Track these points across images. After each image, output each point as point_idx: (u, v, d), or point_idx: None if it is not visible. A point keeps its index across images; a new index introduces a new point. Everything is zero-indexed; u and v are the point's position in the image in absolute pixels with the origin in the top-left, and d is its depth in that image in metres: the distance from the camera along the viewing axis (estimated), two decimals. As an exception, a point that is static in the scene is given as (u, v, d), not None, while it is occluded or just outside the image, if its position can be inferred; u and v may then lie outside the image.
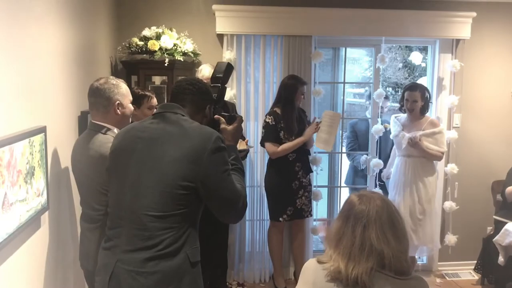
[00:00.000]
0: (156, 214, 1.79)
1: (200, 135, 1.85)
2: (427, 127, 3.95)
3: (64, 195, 2.59)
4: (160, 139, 1.87)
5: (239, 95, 4.18)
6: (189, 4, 4.12)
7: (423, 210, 3.94)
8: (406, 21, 4.21)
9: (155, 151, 1.85)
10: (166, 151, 1.83)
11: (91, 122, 2.43)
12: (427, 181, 3.94)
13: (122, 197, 1.87)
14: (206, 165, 1.81)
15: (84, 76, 2.93)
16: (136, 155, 1.88)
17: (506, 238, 3.62)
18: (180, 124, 1.89)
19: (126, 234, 1.83)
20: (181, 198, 1.81)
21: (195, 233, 1.91)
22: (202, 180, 1.81)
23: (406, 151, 3.97)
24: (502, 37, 4.42)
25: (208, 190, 1.83)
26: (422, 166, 3.95)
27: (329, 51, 5.23)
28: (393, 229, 1.52)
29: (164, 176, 1.80)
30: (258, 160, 4.25)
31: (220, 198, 1.87)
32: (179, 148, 1.82)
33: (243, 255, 4.31)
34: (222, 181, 1.85)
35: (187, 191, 1.81)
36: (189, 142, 1.83)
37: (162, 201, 1.80)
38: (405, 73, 10.21)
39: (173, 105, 1.98)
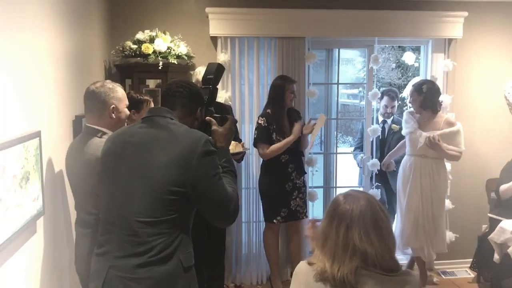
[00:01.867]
0: (146, 220, 1.78)
1: (189, 139, 1.83)
2: (444, 127, 3.87)
3: (60, 200, 2.59)
4: (149, 144, 1.85)
5: (234, 97, 4.18)
6: (182, 7, 4.12)
7: (438, 214, 3.89)
8: (398, 21, 4.23)
9: (144, 156, 1.83)
10: (155, 156, 1.81)
11: (86, 125, 2.42)
12: (440, 183, 3.89)
13: (112, 203, 1.86)
14: (195, 170, 1.79)
15: (78, 80, 2.93)
16: (125, 160, 1.86)
17: (501, 235, 3.63)
18: (169, 128, 1.87)
19: (117, 240, 1.82)
20: (172, 204, 1.79)
21: (188, 238, 1.89)
22: (192, 184, 1.79)
23: (422, 151, 3.88)
24: (493, 36, 4.45)
25: (198, 194, 1.81)
26: (437, 168, 3.89)
27: (322, 52, 5.25)
28: (376, 228, 1.52)
29: (154, 181, 1.78)
30: (253, 162, 4.25)
31: (211, 203, 1.85)
32: (168, 153, 1.80)
33: (240, 257, 4.31)
34: (213, 185, 1.82)
35: (177, 196, 1.79)
36: (177, 146, 1.81)
37: (152, 207, 1.78)
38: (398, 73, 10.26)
39: (162, 109, 1.96)
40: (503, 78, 4.49)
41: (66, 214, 2.66)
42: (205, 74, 2.25)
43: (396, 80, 10.15)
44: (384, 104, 4.69)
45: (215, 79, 2.22)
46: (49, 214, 2.37)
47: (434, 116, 3.92)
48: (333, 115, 5.35)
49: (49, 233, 2.40)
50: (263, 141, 3.86)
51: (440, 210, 3.92)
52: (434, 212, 3.88)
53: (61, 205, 2.61)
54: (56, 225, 2.52)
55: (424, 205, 3.88)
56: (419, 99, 3.90)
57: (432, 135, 3.77)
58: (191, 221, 1.92)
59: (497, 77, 4.47)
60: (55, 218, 2.49)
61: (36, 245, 2.26)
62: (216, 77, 2.23)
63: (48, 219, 2.37)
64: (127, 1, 4.06)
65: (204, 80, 2.24)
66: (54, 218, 2.47)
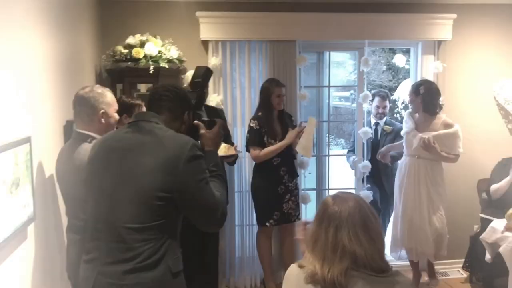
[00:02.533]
0: (133, 226, 1.76)
1: (174, 143, 1.81)
2: (441, 129, 3.83)
3: (50, 206, 2.57)
4: (134, 150, 1.82)
5: (226, 100, 4.19)
6: (173, 12, 4.12)
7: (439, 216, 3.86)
8: (388, 24, 4.26)
9: (130, 162, 1.81)
10: (141, 161, 1.79)
11: (75, 131, 2.42)
12: (436, 185, 3.86)
13: (99, 210, 1.84)
14: (182, 175, 1.77)
15: (69, 85, 2.91)
16: (111, 166, 1.84)
17: (492, 235, 3.66)
18: (154, 133, 1.85)
19: (105, 247, 1.80)
20: (158, 209, 1.77)
21: (176, 243, 1.88)
22: (178, 190, 1.77)
23: (416, 152, 3.86)
24: (482, 38, 4.49)
25: (185, 200, 1.80)
26: (432, 169, 3.86)
27: (313, 55, 5.27)
28: (365, 229, 1.52)
29: (140, 187, 1.77)
30: (246, 165, 4.25)
31: (198, 208, 1.83)
32: (153, 158, 1.78)
33: (233, 261, 4.31)
34: (200, 190, 1.81)
35: (164, 202, 1.77)
36: (163, 151, 1.79)
37: (139, 213, 1.76)
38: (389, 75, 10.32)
39: (148, 114, 1.95)
40: (492, 79, 4.53)
41: (57, 220, 2.65)
42: (193, 78, 2.24)
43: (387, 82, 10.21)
44: (376, 105, 4.71)
45: (203, 83, 2.21)
46: (40, 220, 2.36)
47: (433, 118, 3.89)
48: (324, 117, 5.37)
49: (40, 239, 2.38)
50: (255, 144, 3.87)
51: (435, 212, 3.86)
52: (430, 215, 3.84)
53: (52, 211, 2.59)
54: (47, 231, 2.51)
55: (418, 206, 3.86)
56: (417, 101, 3.88)
57: (426, 137, 3.76)
58: (179, 227, 1.90)
59: (486, 78, 4.50)
60: (46, 224, 2.47)
61: (27, 251, 2.24)
62: (204, 80, 2.22)
63: (39, 225, 2.35)
64: (117, 6, 4.05)
65: (192, 83, 2.23)
66: (45, 224, 2.45)
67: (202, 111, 3.68)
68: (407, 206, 3.92)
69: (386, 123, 4.72)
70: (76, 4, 3.34)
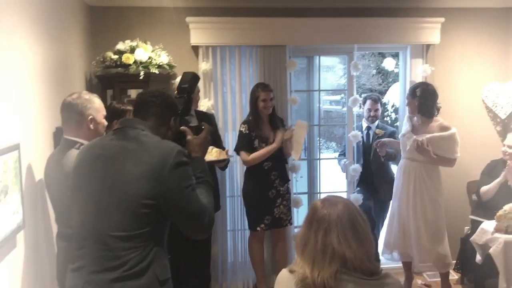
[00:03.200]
0: (119, 234, 1.75)
1: (160, 150, 1.79)
2: (437, 131, 3.80)
3: (40, 213, 2.55)
4: (119, 157, 1.81)
5: (217, 105, 4.19)
6: (163, 17, 4.13)
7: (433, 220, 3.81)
8: (377, 28, 4.30)
9: (115, 169, 1.79)
10: (126, 169, 1.77)
11: (64, 137, 2.41)
12: (431, 189, 3.82)
13: (85, 218, 1.83)
14: (167, 182, 1.75)
15: (59, 91, 2.90)
16: (96, 174, 1.83)
17: (483, 236, 3.68)
18: (140, 140, 1.83)
19: (91, 255, 1.78)
20: (144, 217, 1.76)
21: (163, 250, 1.86)
22: (164, 197, 1.76)
23: (410, 154, 3.84)
24: (470, 41, 4.54)
25: (171, 207, 1.78)
26: (427, 172, 3.82)
27: (303, 60, 5.28)
28: (354, 231, 1.54)
29: (125, 195, 1.75)
30: (238, 170, 4.26)
31: (184, 215, 1.81)
32: (138, 165, 1.76)
33: (225, 266, 4.30)
34: (185, 197, 1.79)
35: (150, 209, 1.76)
36: (148, 158, 1.77)
37: (124, 221, 1.75)
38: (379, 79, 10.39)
39: (133, 120, 1.93)
40: (481, 82, 4.58)
41: (47, 228, 2.63)
42: (179, 84, 2.21)
43: (377, 86, 10.28)
44: (368, 108, 4.64)
45: (190, 89, 2.18)
46: (30, 227, 2.34)
47: (430, 120, 3.85)
48: (315, 121, 5.38)
49: (30, 247, 2.36)
50: (244, 148, 3.88)
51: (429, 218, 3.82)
52: (423, 221, 3.80)
53: (42, 218, 2.58)
54: (37, 239, 2.49)
55: (412, 210, 3.83)
56: (413, 103, 3.87)
57: (420, 139, 3.73)
58: (166, 234, 1.89)
59: (474, 81, 4.55)
60: (35, 232, 2.46)
61: (17, 259, 2.22)
62: (191, 86, 2.19)
63: (28, 233, 2.33)
64: (107, 12, 4.05)
65: (179, 89, 2.19)
66: (34, 231, 2.44)
67: (192, 116, 3.71)
68: (401, 210, 3.92)
69: (378, 127, 4.67)
70: (65, 10, 3.33)
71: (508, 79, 4.57)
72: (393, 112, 10.27)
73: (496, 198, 3.98)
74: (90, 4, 3.98)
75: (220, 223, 4.21)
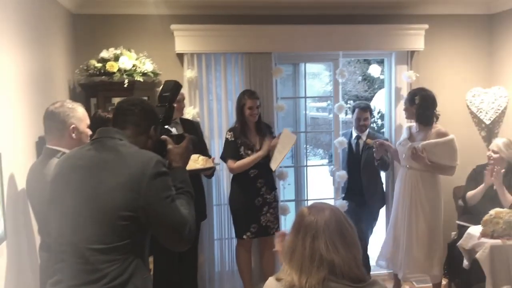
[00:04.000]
0: (97, 247, 1.70)
1: (138, 160, 1.75)
2: (433, 138, 3.76)
3: (22, 224, 2.51)
4: (97, 168, 1.76)
5: (202, 113, 4.17)
6: (147, 25, 4.11)
7: (426, 231, 3.75)
8: (362, 35, 4.32)
9: (92, 180, 1.75)
10: (103, 180, 1.73)
11: (46, 147, 2.38)
12: (429, 198, 3.76)
13: (62, 230, 1.78)
14: (146, 193, 1.71)
15: (42, 100, 2.86)
16: (73, 185, 1.78)
17: (469, 242, 3.69)
18: (118, 150, 1.78)
19: (69, 269, 1.73)
20: (123, 229, 1.71)
21: (143, 263, 1.81)
22: (143, 208, 1.71)
23: (407, 162, 3.80)
24: (453, 47, 4.59)
25: (150, 218, 1.74)
26: (424, 181, 3.77)
27: (289, 67, 5.30)
28: (342, 237, 1.54)
29: (103, 207, 1.71)
30: (224, 178, 4.23)
31: (163, 226, 1.77)
32: (117, 176, 1.72)
33: (213, 275, 4.26)
34: (165, 208, 1.74)
35: (128, 221, 1.71)
36: (127, 169, 1.72)
37: (103, 233, 1.70)
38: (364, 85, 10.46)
39: (110, 130, 1.88)
40: (465, 87, 4.62)
41: (30, 239, 2.58)
42: (161, 92, 2.16)
43: (363, 92, 10.34)
44: (357, 117, 4.45)
45: (172, 97, 2.14)
46: (12, 239, 2.30)
47: (428, 128, 3.81)
48: (302, 128, 5.39)
49: (12, 259, 2.32)
50: (230, 155, 3.86)
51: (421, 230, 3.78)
52: (417, 231, 3.76)
53: (24, 229, 2.53)
54: (20, 251, 2.44)
55: (406, 220, 3.79)
56: (411, 110, 3.83)
57: (416, 146, 3.68)
58: (147, 245, 1.85)
59: (459, 87, 4.59)
60: (18, 243, 2.41)
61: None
62: (173, 95, 2.15)
63: (10, 244, 2.29)
64: (91, 20, 4.02)
65: (160, 98, 2.15)
66: (17, 243, 2.39)
67: (177, 124, 3.68)
68: (395, 220, 3.90)
69: (369, 136, 4.43)
70: (48, 18, 3.30)
71: (492, 85, 4.62)
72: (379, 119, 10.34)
73: (482, 203, 3.99)
74: (73, 11, 3.95)
75: (206, 232, 4.18)
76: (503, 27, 4.51)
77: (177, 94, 2.22)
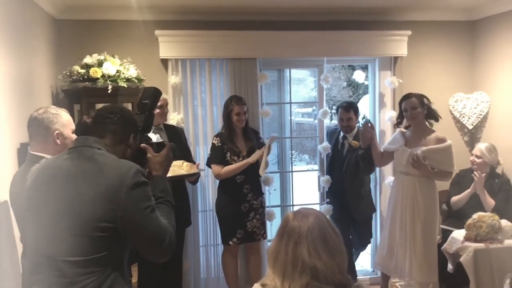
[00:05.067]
0: (74, 259, 1.66)
1: (116, 171, 1.70)
2: (432, 144, 3.71)
3: (4, 232, 2.46)
4: (74, 178, 1.71)
5: (187, 119, 4.16)
6: (132, 30, 4.09)
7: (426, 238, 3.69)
8: (346, 41, 4.35)
9: (70, 191, 1.70)
10: (81, 190, 1.68)
11: (30, 153, 2.34)
12: (426, 205, 3.71)
13: (38, 242, 1.73)
14: (124, 204, 1.67)
15: (23, 106, 2.83)
16: (49, 196, 1.73)
17: (453, 245, 3.72)
18: (95, 160, 1.73)
19: (46, 282, 1.68)
20: (101, 241, 1.67)
21: (122, 275, 1.77)
22: (121, 219, 1.67)
23: (405, 168, 3.75)
24: (436, 53, 4.65)
25: (129, 229, 1.70)
26: (421, 187, 3.72)
27: (274, 73, 5.31)
28: (325, 244, 1.54)
29: (80, 218, 1.66)
30: (209, 184, 4.21)
31: (142, 237, 1.73)
32: (94, 187, 1.67)
33: (198, 282, 4.23)
34: (144, 219, 1.70)
35: (106, 233, 1.67)
36: (104, 179, 1.68)
37: (80, 245, 1.66)
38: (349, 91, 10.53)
39: (88, 139, 1.82)
40: (447, 93, 4.68)
41: (12, 247, 2.54)
42: (140, 99, 2.11)
43: (348, 98, 10.41)
44: (339, 118, 4.25)
45: (151, 104, 2.10)
46: (-8, 248, 2.25)
47: (426, 133, 3.78)
48: (287, 133, 5.40)
49: (-7, 268, 2.27)
50: (216, 161, 3.85)
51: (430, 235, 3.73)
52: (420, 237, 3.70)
53: (7, 237, 2.48)
54: (1, 259, 2.39)
55: (404, 226, 3.75)
56: (423, 112, 3.77)
57: (415, 152, 3.65)
58: (126, 257, 1.81)
59: (441, 92, 4.64)
60: (0, 252, 2.37)
61: (-22, 281, 2.13)
62: (153, 102, 2.10)
63: (-9, 253, 2.24)
64: (74, 25, 3.99)
65: (139, 105, 2.11)
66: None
67: (161, 130, 3.66)
68: (391, 225, 3.85)
69: (356, 138, 4.21)
70: (30, 23, 3.26)
71: (474, 90, 4.68)
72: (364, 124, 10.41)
73: (466, 208, 4.04)
74: (56, 17, 3.91)
75: (192, 239, 4.15)
76: (485, 34, 4.58)
77: (157, 101, 2.17)
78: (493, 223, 3.56)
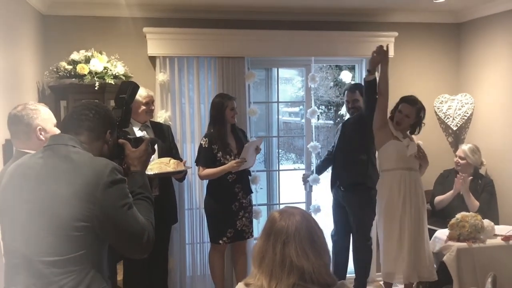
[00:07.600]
0: (51, 259, 1.64)
1: (92, 169, 1.67)
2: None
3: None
4: (49, 177, 1.68)
5: (174, 117, 4.15)
6: (119, 27, 4.07)
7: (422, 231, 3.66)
8: (333, 41, 4.38)
9: (44, 190, 1.67)
10: (56, 189, 1.65)
11: (16, 150, 2.32)
12: (423, 200, 3.70)
13: (14, 243, 1.71)
14: (101, 202, 1.64)
15: (8, 102, 2.80)
16: (24, 196, 1.70)
17: (436, 245, 3.77)
18: (70, 158, 1.69)
19: (23, 283, 1.67)
20: (78, 240, 1.65)
21: (100, 273, 1.75)
22: (98, 218, 1.65)
23: (409, 164, 3.66)
24: (422, 54, 4.71)
25: (106, 228, 1.68)
26: (418, 183, 3.69)
27: (262, 72, 5.33)
28: (312, 244, 1.54)
29: (56, 217, 1.64)
30: (196, 182, 4.21)
31: (120, 235, 1.72)
32: (70, 186, 1.64)
33: (184, 280, 4.23)
34: (121, 217, 1.68)
35: (83, 232, 1.65)
36: (80, 178, 1.65)
37: (56, 245, 1.64)
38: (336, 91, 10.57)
39: (63, 136, 1.79)
40: (433, 94, 4.73)
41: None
42: (117, 94, 2.07)
43: (335, 98, 10.46)
44: (346, 100, 4.23)
45: (128, 99, 2.06)
46: (-24, 244, 2.23)
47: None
48: (274, 132, 5.42)
49: (-24, 264, 2.24)
50: (201, 163, 3.84)
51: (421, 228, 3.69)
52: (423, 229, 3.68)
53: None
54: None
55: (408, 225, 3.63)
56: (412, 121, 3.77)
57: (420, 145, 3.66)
58: (105, 255, 1.79)
59: (427, 93, 4.68)
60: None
61: (-39, 278, 2.10)
62: (130, 96, 2.07)
63: (-26, 250, 2.22)
64: (61, 21, 3.96)
65: (116, 100, 2.06)
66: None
67: (148, 127, 3.65)
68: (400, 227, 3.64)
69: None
70: (16, 19, 3.23)
71: (459, 92, 4.75)
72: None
73: (449, 207, 4.10)
74: (43, 12, 3.88)
75: (177, 236, 4.14)
76: (470, 36, 4.65)
77: (134, 95, 2.13)
78: (476, 223, 3.61)
